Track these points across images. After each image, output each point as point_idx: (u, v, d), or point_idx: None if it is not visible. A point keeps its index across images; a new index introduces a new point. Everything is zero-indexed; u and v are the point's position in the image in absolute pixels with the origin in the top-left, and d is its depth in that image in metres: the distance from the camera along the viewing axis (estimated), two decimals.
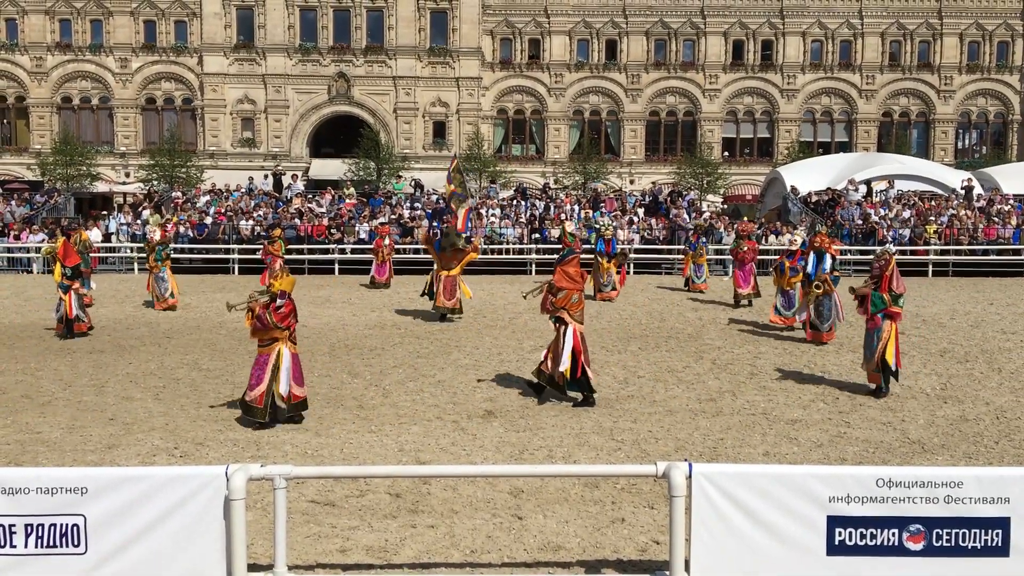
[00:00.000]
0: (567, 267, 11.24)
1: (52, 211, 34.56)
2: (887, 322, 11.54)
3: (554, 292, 11.15)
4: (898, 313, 11.68)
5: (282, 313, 9.91)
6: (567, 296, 11.07)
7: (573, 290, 11.09)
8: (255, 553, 6.40)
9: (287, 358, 9.98)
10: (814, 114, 48.81)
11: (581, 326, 11.22)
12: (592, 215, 31.67)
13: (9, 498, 5.52)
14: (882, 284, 11.60)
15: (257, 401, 9.93)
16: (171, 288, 19.74)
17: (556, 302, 11.12)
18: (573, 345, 10.95)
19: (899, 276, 11.70)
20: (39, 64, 46.79)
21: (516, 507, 7.58)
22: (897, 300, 11.61)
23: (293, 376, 10.06)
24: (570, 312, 11.09)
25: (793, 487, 5.72)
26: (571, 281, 11.14)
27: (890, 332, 11.50)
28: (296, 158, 46.58)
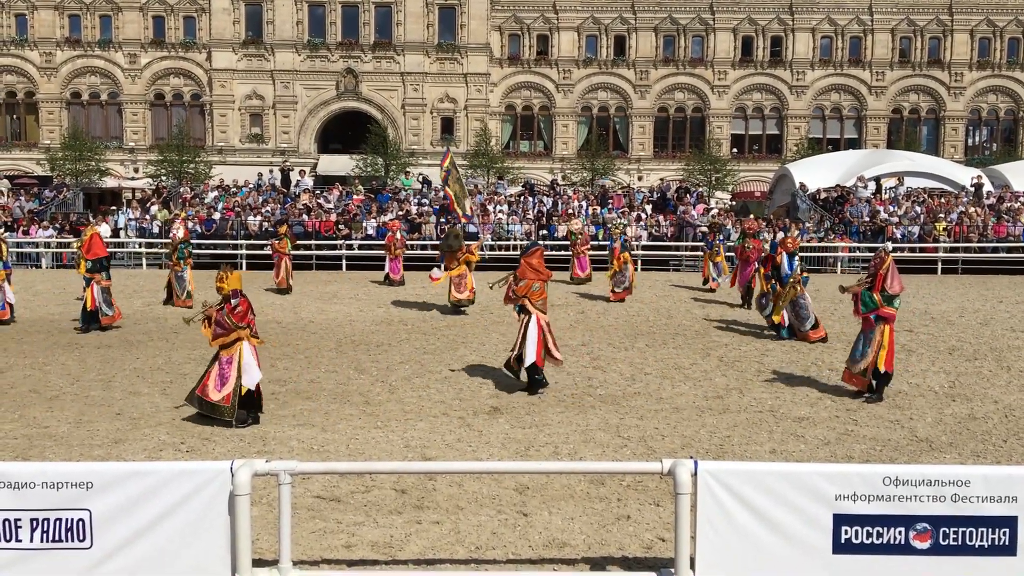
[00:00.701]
0: (531, 259, 11.67)
1: (61, 206, 34.66)
2: (880, 324, 11.12)
3: (518, 281, 11.56)
4: (891, 315, 11.17)
5: (240, 312, 9.93)
6: (528, 285, 11.44)
7: (535, 279, 11.49)
8: (261, 548, 6.41)
9: (248, 353, 9.95)
10: (823, 111, 48.65)
11: (544, 316, 11.55)
12: (600, 212, 31.63)
13: (15, 492, 5.53)
14: (875, 283, 11.18)
15: (225, 400, 9.94)
16: (188, 288, 19.44)
17: (518, 290, 11.49)
18: (537, 335, 11.28)
19: (896, 276, 11.21)
20: (48, 59, 46.93)
21: (521, 504, 7.57)
22: (891, 301, 11.13)
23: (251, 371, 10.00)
24: (531, 301, 11.45)
25: (799, 485, 5.69)
26: (535, 272, 11.55)
27: (883, 337, 11.08)
28: (304, 154, 46.64)
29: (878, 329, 11.14)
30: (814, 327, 15.46)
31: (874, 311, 11.12)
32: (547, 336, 11.47)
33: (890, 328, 11.17)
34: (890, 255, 11.47)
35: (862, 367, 11.26)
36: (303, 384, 12.12)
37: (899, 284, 11.24)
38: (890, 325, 11.18)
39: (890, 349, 11.17)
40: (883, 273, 11.17)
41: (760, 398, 11.40)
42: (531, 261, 11.73)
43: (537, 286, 11.53)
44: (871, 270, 11.49)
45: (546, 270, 11.84)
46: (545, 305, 11.73)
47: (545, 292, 11.74)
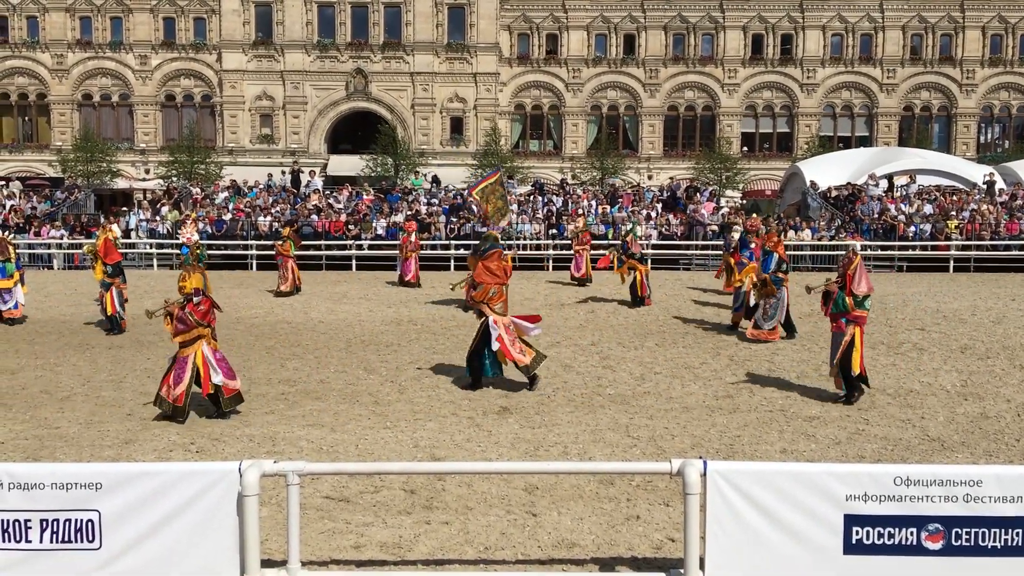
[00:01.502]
0: (488, 262, 11.53)
1: (72, 207, 34.82)
2: (851, 327, 10.86)
3: (474, 286, 11.50)
4: (862, 316, 10.90)
5: (202, 310, 10.05)
6: (485, 290, 11.38)
7: (492, 284, 11.38)
8: (270, 549, 6.41)
9: (209, 354, 10.06)
10: (834, 108, 48.47)
11: (504, 318, 11.49)
12: (610, 211, 31.58)
13: (24, 493, 5.55)
14: (845, 285, 10.95)
15: (178, 400, 10.02)
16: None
17: (475, 296, 11.46)
18: (497, 336, 11.28)
19: (865, 276, 10.95)
20: (60, 61, 47.15)
21: (531, 504, 7.56)
22: (861, 303, 10.89)
23: (224, 371, 10.15)
24: (490, 305, 11.41)
25: (809, 485, 5.66)
26: (491, 275, 11.44)
27: (851, 338, 10.82)
28: (314, 154, 46.73)
29: (848, 331, 10.88)
30: (773, 329, 15.30)
31: (845, 314, 10.90)
32: (502, 337, 11.35)
33: (860, 330, 10.90)
34: (858, 255, 11.21)
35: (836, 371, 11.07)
36: (313, 384, 12.14)
37: (867, 284, 10.95)
38: (861, 327, 10.92)
39: (861, 351, 10.89)
40: (851, 274, 10.92)
41: (771, 397, 11.35)
42: (488, 264, 11.55)
43: (495, 290, 11.41)
44: (840, 270, 11.28)
45: (503, 273, 11.62)
46: (505, 307, 11.64)
47: (504, 295, 11.60)
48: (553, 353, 14.36)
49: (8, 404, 10.94)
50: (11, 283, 17.32)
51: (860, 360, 10.89)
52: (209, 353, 10.09)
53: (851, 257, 11.10)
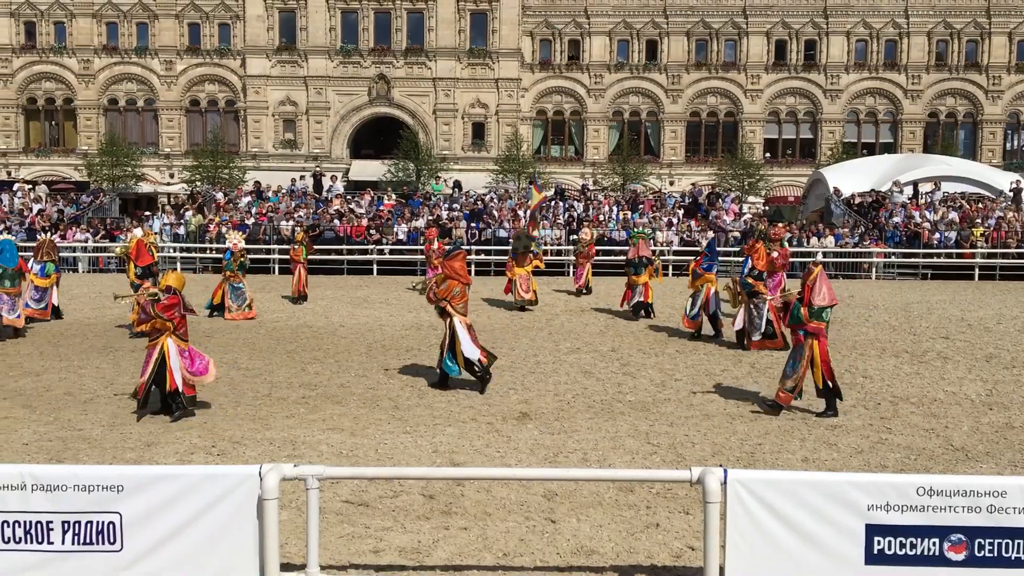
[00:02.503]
0: (453, 262, 12.02)
1: (98, 211, 35.18)
2: (809, 339, 10.64)
3: (439, 284, 11.93)
4: (819, 329, 10.63)
5: (163, 304, 10.27)
6: (449, 288, 11.78)
7: (455, 283, 11.81)
8: (289, 552, 6.43)
9: (173, 352, 10.27)
10: (858, 115, 48.12)
11: (465, 318, 11.92)
12: (631, 217, 31.51)
13: (48, 495, 5.59)
14: (803, 296, 10.74)
15: (138, 391, 10.39)
16: (249, 299, 18.68)
17: (441, 292, 11.84)
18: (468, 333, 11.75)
19: (824, 287, 10.66)
20: (86, 67, 47.65)
21: (549, 510, 7.54)
22: (818, 314, 10.63)
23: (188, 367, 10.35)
24: (452, 304, 11.79)
25: (830, 494, 5.61)
26: (455, 275, 11.88)
27: (812, 352, 10.61)
28: (336, 159, 46.94)
29: (806, 344, 10.69)
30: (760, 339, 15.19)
31: (801, 325, 10.73)
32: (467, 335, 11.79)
33: (820, 342, 10.66)
34: (819, 267, 11.03)
35: (789, 385, 10.79)
36: (333, 388, 12.18)
37: (827, 296, 10.67)
38: (820, 339, 10.66)
39: (825, 361, 10.65)
40: (810, 285, 10.73)
41: (792, 405, 11.27)
42: (453, 264, 12.01)
43: (458, 290, 11.84)
44: (802, 281, 11.09)
45: (467, 275, 12.15)
46: (466, 308, 12.05)
47: (467, 295, 12.05)
48: (573, 359, 14.35)
49: (32, 406, 11.06)
50: (48, 282, 17.79)
51: (825, 372, 10.64)
52: (174, 351, 10.28)
53: (811, 268, 10.99)
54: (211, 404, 10.89)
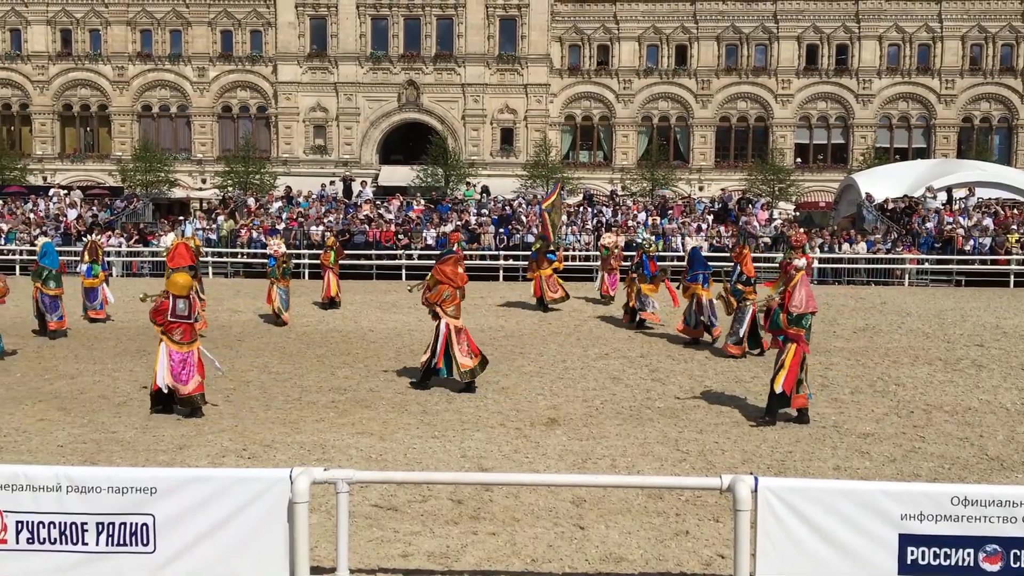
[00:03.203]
0: (444, 266, 12.32)
1: (131, 216, 35.61)
2: (788, 345, 10.49)
3: (431, 287, 12.19)
4: (798, 335, 10.45)
5: (152, 310, 10.86)
6: (439, 292, 12.10)
7: (447, 287, 12.11)
8: (318, 556, 6.46)
9: (163, 354, 10.67)
10: (891, 120, 47.64)
11: (455, 321, 12.17)
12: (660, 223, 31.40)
13: (82, 496, 5.66)
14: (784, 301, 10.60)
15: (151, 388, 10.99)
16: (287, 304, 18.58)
17: (431, 297, 12.16)
18: (443, 338, 12.02)
19: (806, 294, 10.50)
20: (121, 74, 48.32)
21: (578, 516, 7.52)
22: (799, 320, 10.45)
23: (171, 371, 10.63)
24: (443, 308, 12.10)
25: (863, 503, 5.55)
26: (447, 279, 12.15)
27: (787, 358, 10.43)
28: (366, 165, 47.21)
29: (786, 349, 10.55)
30: (737, 342, 15.05)
31: (780, 331, 10.57)
32: (452, 340, 12.04)
33: (797, 349, 10.47)
34: (800, 271, 10.81)
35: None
36: (362, 393, 12.24)
37: (807, 303, 10.51)
38: (798, 346, 10.48)
39: (791, 371, 10.42)
40: (790, 290, 10.60)
41: (823, 413, 11.17)
42: (445, 268, 12.27)
43: (448, 293, 12.12)
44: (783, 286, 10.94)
45: (459, 278, 12.33)
46: (458, 311, 12.29)
47: (458, 298, 12.29)
48: (601, 365, 14.32)
49: (67, 408, 11.21)
50: (96, 283, 18.66)
51: (787, 379, 10.43)
52: (162, 352, 10.68)
53: (792, 273, 10.83)
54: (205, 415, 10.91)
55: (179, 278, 11.03)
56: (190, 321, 10.92)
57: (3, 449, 9.42)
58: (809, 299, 10.55)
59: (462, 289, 12.40)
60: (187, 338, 10.82)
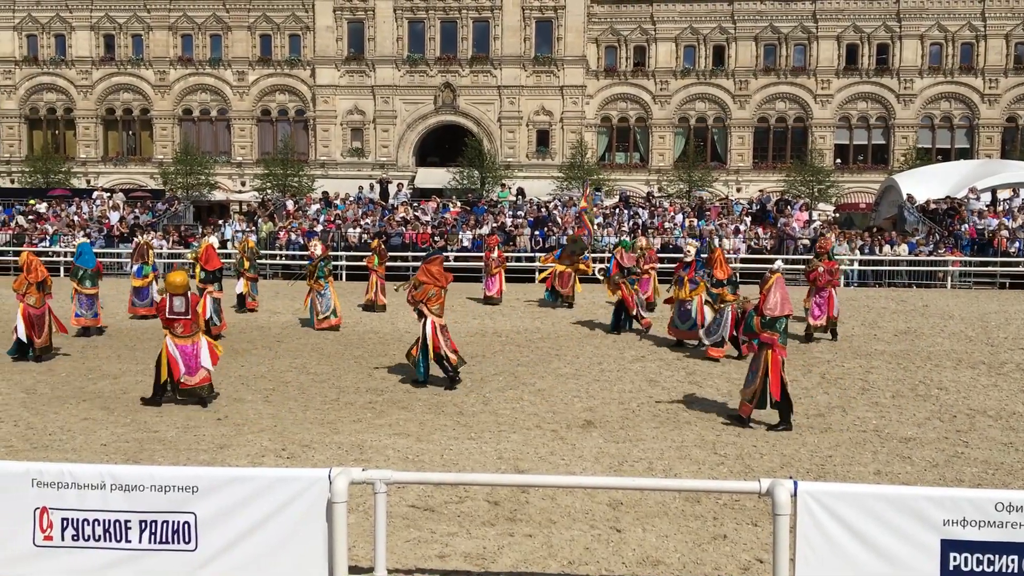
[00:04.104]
0: (430, 266, 12.74)
1: (172, 218, 36.11)
2: (763, 350, 10.35)
3: (416, 287, 12.57)
4: (771, 339, 10.28)
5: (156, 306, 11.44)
6: (425, 291, 12.46)
7: (432, 286, 12.48)
8: (356, 555, 6.51)
9: (171, 348, 11.21)
10: (932, 120, 46.93)
11: (440, 319, 12.56)
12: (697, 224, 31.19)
13: (125, 494, 5.75)
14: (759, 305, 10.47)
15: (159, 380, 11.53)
16: (333, 306, 18.27)
17: (416, 296, 12.53)
18: (431, 335, 12.42)
19: (780, 297, 10.33)
20: (162, 78, 49.05)
21: (615, 519, 7.50)
22: (771, 324, 10.29)
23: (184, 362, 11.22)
24: (428, 306, 12.46)
25: (905, 509, 5.48)
26: (432, 278, 12.55)
27: (765, 363, 10.30)
28: (402, 167, 47.46)
29: (761, 355, 10.41)
30: (717, 345, 14.83)
31: (754, 335, 10.43)
32: (440, 337, 12.47)
33: (773, 354, 10.30)
34: (776, 274, 10.64)
35: (747, 395, 10.59)
36: (399, 394, 12.31)
37: (782, 306, 10.33)
38: (773, 351, 10.31)
39: (775, 375, 10.27)
40: (765, 293, 10.43)
41: (864, 417, 11.04)
42: (431, 268, 12.68)
43: (434, 292, 12.50)
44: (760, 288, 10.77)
45: (444, 278, 12.76)
46: (442, 310, 12.67)
47: (443, 298, 12.68)
48: (638, 367, 14.26)
49: (110, 407, 11.40)
50: (145, 283, 19.28)
51: (775, 385, 10.29)
52: (172, 347, 11.21)
53: (767, 276, 10.70)
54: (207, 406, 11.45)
55: (174, 277, 11.47)
56: (188, 317, 11.36)
57: (48, 448, 9.61)
58: (784, 302, 10.42)
59: (446, 288, 12.85)
60: (187, 331, 11.33)
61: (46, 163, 46.82)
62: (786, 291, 10.57)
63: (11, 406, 11.45)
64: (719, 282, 15.24)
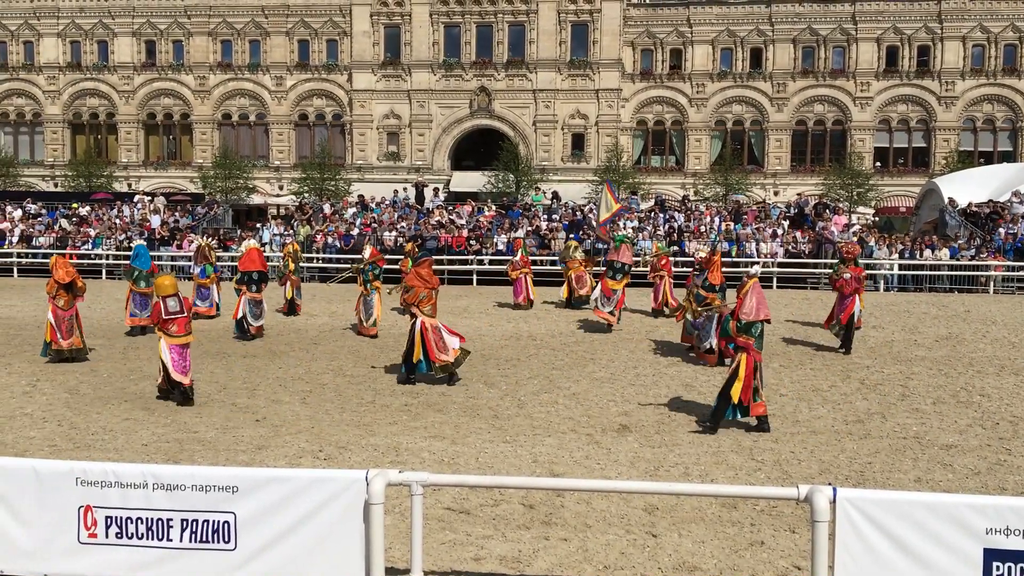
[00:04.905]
0: (420, 269, 13.13)
1: (212, 221, 36.56)
2: (739, 354, 10.31)
3: (407, 290, 12.94)
4: (747, 343, 10.23)
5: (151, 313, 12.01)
6: (416, 293, 12.84)
7: (422, 288, 12.86)
8: (392, 557, 6.55)
9: (163, 350, 11.67)
10: (975, 122, 46.19)
11: (431, 320, 12.90)
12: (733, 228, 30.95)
13: (167, 494, 5.84)
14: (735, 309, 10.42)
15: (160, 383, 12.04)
16: (375, 316, 17.77)
17: (407, 298, 12.93)
18: (423, 336, 12.72)
19: (757, 302, 10.26)
20: (202, 83, 49.69)
21: (650, 524, 7.48)
22: (748, 329, 10.24)
23: (174, 363, 11.65)
24: (419, 308, 12.84)
25: (946, 517, 5.40)
26: (422, 280, 12.94)
27: (739, 367, 10.25)
28: (438, 171, 47.63)
29: (737, 358, 10.37)
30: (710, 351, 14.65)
31: (730, 339, 10.39)
32: (429, 337, 12.76)
33: (747, 358, 10.25)
34: (752, 279, 10.58)
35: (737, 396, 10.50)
36: (434, 396, 12.36)
37: (756, 310, 10.25)
38: (748, 354, 10.26)
39: (747, 381, 10.21)
40: (741, 297, 10.39)
41: (904, 424, 10.89)
42: (420, 271, 13.03)
43: (424, 294, 12.87)
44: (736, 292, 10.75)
45: (433, 279, 13.15)
46: (434, 311, 13.04)
47: (434, 299, 13.06)
48: (674, 372, 14.20)
49: (151, 408, 11.57)
50: (209, 282, 20.25)
51: (743, 389, 10.24)
52: (163, 348, 11.66)
53: (744, 281, 10.68)
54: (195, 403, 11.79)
55: (163, 280, 12.13)
56: (184, 315, 11.88)
57: (91, 447, 9.77)
58: (760, 307, 10.39)
59: (436, 290, 13.19)
60: (181, 331, 11.80)
61: (89, 167, 47.63)
62: (763, 296, 10.58)
63: (55, 406, 11.67)
64: (711, 286, 15.18)
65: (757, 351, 10.42)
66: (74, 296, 14.72)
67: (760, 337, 10.49)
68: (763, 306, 10.44)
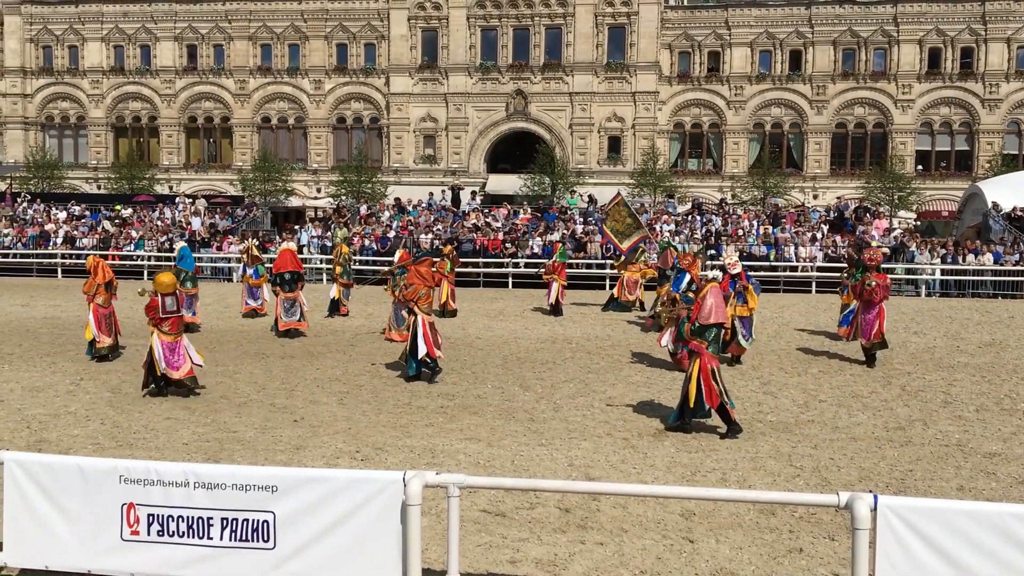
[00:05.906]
0: (420, 267, 13.53)
1: (251, 224, 36.99)
2: (694, 358, 10.18)
3: (407, 287, 13.32)
4: (699, 346, 10.12)
5: (146, 306, 12.20)
6: (415, 291, 13.20)
7: (421, 286, 13.24)
8: (428, 558, 6.57)
9: (156, 345, 12.03)
10: (1019, 125, 45.38)
11: (429, 317, 13.33)
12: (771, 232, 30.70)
13: (208, 493, 5.92)
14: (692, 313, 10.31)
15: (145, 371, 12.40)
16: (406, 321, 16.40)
17: (407, 295, 13.33)
18: (423, 332, 13.09)
19: (713, 304, 10.16)
20: (242, 87, 50.31)
21: (687, 530, 7.43)
22: (702, 332, 10.12)
23: (165, 359, 12.04)
24: (418, 305, 13.19)
25: (989, 526, 5.31)
26: (421, 279, 13.33)
27: (695, 371, 10.14)
28: (474, 174, 47.77)
29: (692, 363, 10.20)
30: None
31: (683, 342, 10.33)
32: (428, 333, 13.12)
33: (702, 362, 10.13)
34: (711, 283, 10.44)
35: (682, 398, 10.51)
36: (470, 399, 12.39)
37: (716, 314, 10.11)
38: (702, 360, 10.13)
39: (706, 385, 10.08)
40: (699, 300, 10.30)
41: (946, 431, 10.73)
42: (420, 269, 13.45)
43: (423, 292, 13.26)
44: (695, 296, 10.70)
45: (432, 278, 13.61)
46: (430, 308, 13.48)
47: (431, 297, 13.55)
48: None
49: (192, 408, 11.73)
50: (261, 282, 20.75)
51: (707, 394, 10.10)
52: (157, 344, 12.02)
53: (701, 285, 10.64)
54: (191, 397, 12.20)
55: (163, 278, 12.32)
56: (179, 315, 12.32)
57: (133, 446, 9.93)
58: (717, 311, 10.29)
59: (435, 287, 13.62)
60: (174, 329, 12.16)
61: (131, 170, 48.43)
62: (721, 300, 10.53)
63: (98, 405, 11.87)
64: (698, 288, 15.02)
65: (712, 355, 10.33)
66: (111, 295, 15.07)
67: (715, 341, 10.42)
68: (720, 310, 10.40)
